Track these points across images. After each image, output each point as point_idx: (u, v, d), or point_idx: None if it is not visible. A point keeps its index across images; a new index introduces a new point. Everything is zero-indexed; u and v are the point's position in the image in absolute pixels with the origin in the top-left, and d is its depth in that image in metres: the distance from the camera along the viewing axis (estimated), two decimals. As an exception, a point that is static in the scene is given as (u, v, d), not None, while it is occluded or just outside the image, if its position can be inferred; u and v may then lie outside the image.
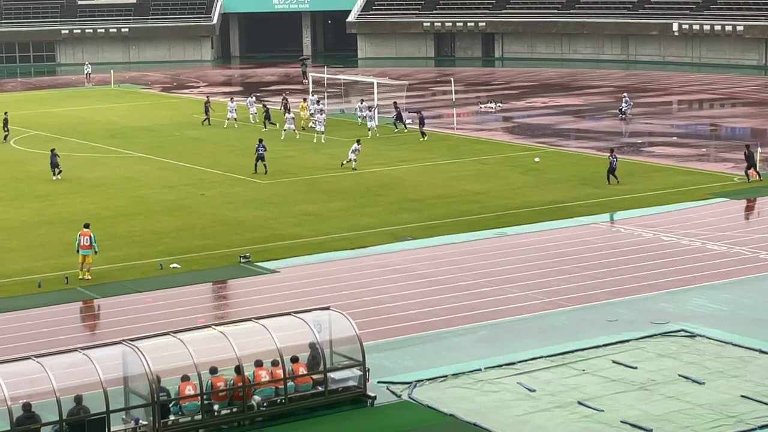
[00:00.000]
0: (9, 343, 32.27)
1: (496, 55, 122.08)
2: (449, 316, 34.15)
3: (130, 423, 25.92)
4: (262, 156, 57.30)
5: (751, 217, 47.44)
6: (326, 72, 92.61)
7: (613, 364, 29.72)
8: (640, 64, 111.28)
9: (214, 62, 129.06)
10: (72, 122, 79.03)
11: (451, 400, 27.54)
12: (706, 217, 46.36)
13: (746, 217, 47.09)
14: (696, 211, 47.61)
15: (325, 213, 48.18)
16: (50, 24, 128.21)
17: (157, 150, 65.46)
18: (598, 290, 36.48)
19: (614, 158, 53.19)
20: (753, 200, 49.28)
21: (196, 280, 38.75)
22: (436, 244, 42.80)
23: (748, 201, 49.08)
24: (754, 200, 49.34)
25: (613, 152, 53.96)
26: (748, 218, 47.12)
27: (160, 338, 27.18)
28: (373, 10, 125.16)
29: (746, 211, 47.93)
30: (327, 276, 38.88)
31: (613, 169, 52.82)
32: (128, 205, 50.51)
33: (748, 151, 53.50)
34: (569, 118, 76.78)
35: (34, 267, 40.50)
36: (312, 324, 27.91)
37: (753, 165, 53.13)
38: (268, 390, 26.99)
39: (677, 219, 46.07)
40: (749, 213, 47.89)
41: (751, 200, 49.25)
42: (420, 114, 69.24)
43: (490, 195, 51.02)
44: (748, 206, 48.53)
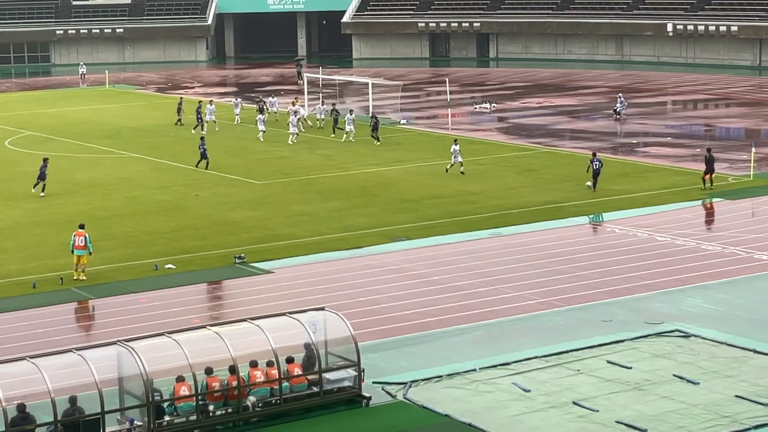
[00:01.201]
0: (4, 344, 32.23)
1: (491, 55, 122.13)
2: (444, 317, 34.17)
3: (125, 423, 25.91)
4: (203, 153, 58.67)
5: (746, 217, 47.44)
6: (321, 72, 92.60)
7: (607, 364, 29.73)
8: (635, 65, 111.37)
9: (209, 63, 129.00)
10: (67, 123, 78.97)
11: (446, 401, 27.55)
12: (701, 217, 46.42)
13: (741, 217, 47.10)
14: (691, 211, 47.66)
15: (320, 213, 48.18)
16: (45, 24, 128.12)
17: (152, 150, 65.43)
18: (593, 290, 36.51)
19: (598, 162, 51.81)
20: (738, 200, 49.34)
21: (191, 281, 38.73)
22: (431, 245, 42.82)
23: (734, 201, 49.14)
24: (738, 200, 49.41)
25: (595, 155, 52.85)
26: (743, 218, 47.14)
27: (155, 339, 27.16)
28: (367, 10, 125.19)
29: (741, 211, 47.95)
30: (322, 276, 38.88)
31: (596, 173, 51.60)
32: (123, 206, 50.48)
33: (709, 155, 51.67)
34: (564, 118, 76.82)
35: (29, 268, 40.47)
36: (307, 324, 27.91)
37: (712, 170, 51.16)
38: (263, 390, 27.00)
39: (672, 219, 46.12)
40: (744, 213, 47.90)
41: (742, 200, 49.31)
42: (374, 118, 67.94)
43: (485, 195, 51.04)
44: (742, 206, 48.53)
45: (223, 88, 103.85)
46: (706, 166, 51.43)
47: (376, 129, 66.97)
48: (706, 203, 48.82)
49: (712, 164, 51.40)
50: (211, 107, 74.24)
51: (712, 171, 51.22)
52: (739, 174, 54.29)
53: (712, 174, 51.17)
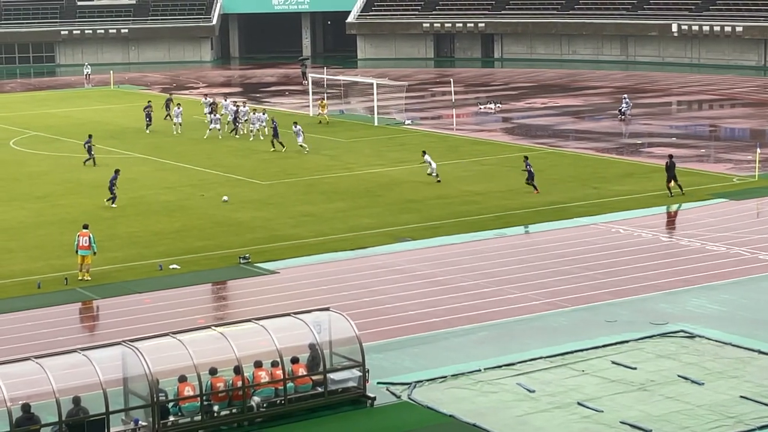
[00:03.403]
0: (8, 344, 32.26)
1: (496, 55, 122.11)
2: (449, 317, 34.15)
3: (130, 424, 25.91)
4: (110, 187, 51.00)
5: (751, 217, 47.38)
6: (326, 73, 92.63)
7: (612, 364, 29.71)
8: (640, 65, 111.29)
9: (213, 63, 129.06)
10: (71, 123, 79.01)
11: (450, 401, 27.54)
12: (706, 217, 46.37)
13: (745, 218, 47.04)
14: (695, 211, 47.61)
15: (324, 214, 48.18)
16: (50, 25, 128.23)
17: (157, 151, 65.45)
18: (598, 291, 36.48)
19: (529, 165, 51.74)
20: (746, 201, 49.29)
21: (196, 281, 38.74)
22: (436, 245, 42.81)
23: (742, 201, 49.08)
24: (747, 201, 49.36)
25: (527, 159, 52.70)
26: (748, 218, 47.08)
27: (160, 339, 27.17)
28: (372, 10, 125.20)
29: (745, 212, 47.89)
30: (327, 277, 38.88)
31: (531, 177, 51.43)
32: (128, 206, 50.48)
33: (670, 162, 50.39)
34: (569, 118, 76.78)
35: (34, 268, 40.49)
36: (312, 325, 27.91)
37: (674, 177, 49.93)
38: (267, 391, 26.99)
39: (677, 219, 46.07)
40: (749, 214, 47.84)
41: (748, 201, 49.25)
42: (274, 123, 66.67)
43: (490, 195, 51.02)
44: (747, 207, 48.46)
45: (228, 88, 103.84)
46: (666, 173, 50.19)
47: (276, 135, 65.04)
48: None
49: (673, 170, 50.06)
50: (178, 110, 73.16)
51: (674, 177, 49.96)
52: (744, 174, 54.21)
53: (675, 180, 49.90)
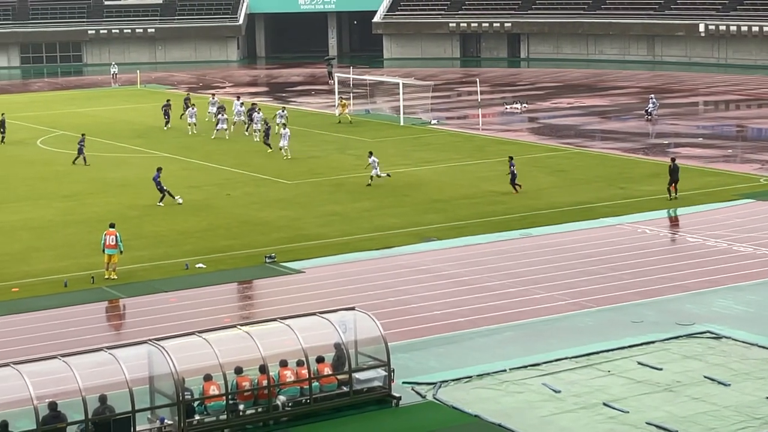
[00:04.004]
0: (35, 343, 32.41)
1: (522, 55, 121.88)
2: (474, 317, 34.13)
3: (156, 422, 25.99)
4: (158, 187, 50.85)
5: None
6: (352, 72, 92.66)
7: (638, 365, 29.63)
8: (666, 65, 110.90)
9: (239, 63, 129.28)
10: (98, 122, 79.28)
11: (475, 401, 27.52)
12: (733, 218, 46.17)
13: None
14: (722, 212, 47.40)
15: (350, 213, 48.21)
16: (77, 24, 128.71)
17: (183, 150, 65.61)
18: (624, 291, 36.38)
19: (513, 166, 51.51)
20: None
21: (222, 280, 38.82)
22: (461, 245, 42.77)
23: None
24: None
25: (511, 159, 52.38)
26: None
27: (186, 338, 27.25)
28: (398, 10, 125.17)
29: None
30: (352, 276, 38.90)
31: (513, 177, 51.24)
32: (154, 205, 50.60)
33: (673, 165, 49.68)
34: (595, 118, 76.59)
35: (61, 266, 40.66)
36: (337, 324, 27.93)
37: (676, 180, 49.23)
38: (293, 390, 27.03)
39: (703, 220, 45.91)
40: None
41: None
42: (266, 123, 66.62)
43: (516, 196, 50.91)
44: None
45: (254, 88, 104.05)
46: (669, 176, 49.51)
47: (267, 136, 65.05)
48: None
49: (677, 174, 49.47)
50: (192, 110, 73.23)
51: (676, 181, 49.36)
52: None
53: (676, 184, 49.31)
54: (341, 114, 76.25)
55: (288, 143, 61.67)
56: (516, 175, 51.52)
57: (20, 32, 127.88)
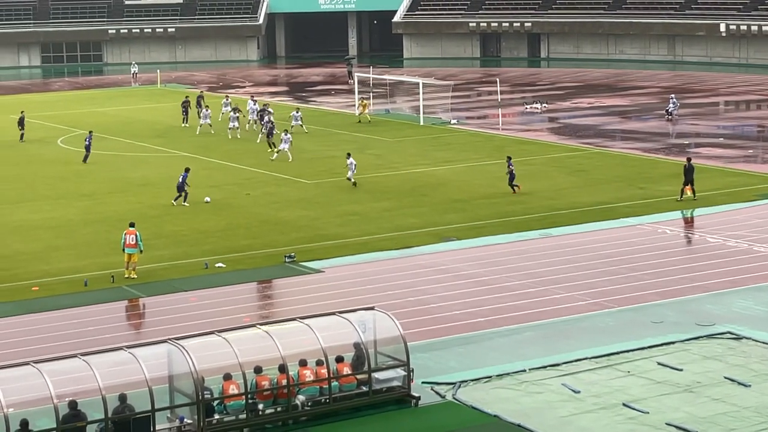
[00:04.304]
0: (55, 342, 32.50)
1: (542, 55, 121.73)
2: (494, 317, 34.08)
3: (175, 421, 26.02)
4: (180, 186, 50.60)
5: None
6: (372, 72, 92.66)
7: (658, 365, 29.54)
8: (687, 65, 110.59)
9: (259, 62, 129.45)
10: (118, 122, 79.51)
11: (495, 401, 27.48)
12: (753, 218, 46.00)
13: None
14: (743, 212, 47.23)
15: (370, 213, 48.20)
16: (97, 24, 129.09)
17: (203, 150, 65.71)
18: (644, 291, 36.27)
19: (512, 166, 51.42)
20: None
21: (241, 280, 38.86)
22: (481, 245, 42.72)
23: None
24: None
25: (510, 159, 52.27)
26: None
27: (205, 337, 27.28)
28: (418, 10, 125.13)
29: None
30: (372, 276, 38.90)
31: (512, 177, 51.11)
32: (174, 205, 50.65)
33: (689, 165, 49.33)
34: (615, 118, 76.43)
35: (81, 266, 40.77)
36: (356, 324, 27.92)
37: (691, 181, 48.81)
38: (312, 389, 27.03)
39: (724, 220, 45.74)
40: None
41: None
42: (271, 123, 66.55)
43: (536, 195, 50.85)
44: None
45: (274, 87, 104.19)
46: (684, 176, 49.11)
47: (271, 135, 65.05)
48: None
49: (691, 174, 48.99)
50: (207, 112, 73.28)
51: (691, 181, 48.96)
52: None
53: (691, 185, 48.93)
54: (361, 114, 76.28)
55: (288, 147, 61.16)
56: (514, 175, 51.39)
57: (41, 32, 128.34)
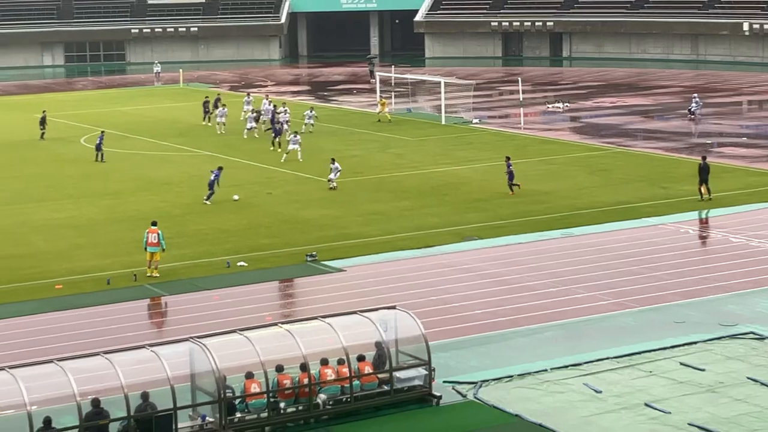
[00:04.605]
0: (78, 339, 32.64)
1: (564, 54, 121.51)
2: (515, 317, 34.06)
3: (197, 420, 26.10)
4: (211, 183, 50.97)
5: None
6: (393, 71, 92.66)
7: (680, 366, 29.47)
8: (710, 64, 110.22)
9: (282, 61, 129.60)
10: (141, 121, 79.75)
11: (516, 401, 27.46)
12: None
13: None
14: (766, 212, 47.04)
15: (391, 212, 48.22)
16: (120, 23, 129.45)
17: (225, 149, 65.82)
18: (666, 291, 36.19)
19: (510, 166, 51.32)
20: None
21: (263, 279, 38.93)
22: (502, 244, 42.70)
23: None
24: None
25: (509, 159, 52.15)
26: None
27: (227, 336, 27.35)
28: (440, 9, 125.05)
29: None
30: (393, 275, 38.91)
31: (511, 178, 50.99)
32: (196, 204, 50.84)
33: (704, 164, 48.97)
34: (637, 118, 76.25)
35: (103, 264, 40.91)
36: (378, 323, 27.94)
37: (706, 180, 48.46)
38: (333, 388, 27.06)
39: (747, 220, 45.59)
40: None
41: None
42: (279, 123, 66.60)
43: (557, 195, 50.79)
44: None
45: (296, 86, 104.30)
46: (699, 176, 48.77)
47: (278, 135, 64.98)
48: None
49: (707, 173, 48.64)
50: (223, 110, 73.15)
51: (706, 180, 48.64)
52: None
53: (706, 184, 48.59)
54: (380, 113, 76.29)
55: (297, 147, 60.97)
56: (513, 175, 51.31)
57: (64, 31, 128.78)
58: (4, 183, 57.36)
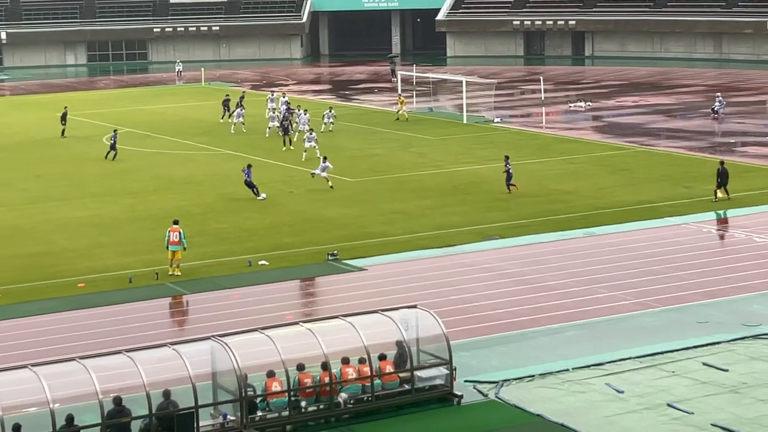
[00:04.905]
0: (100, 338, 32.72)
1: (587, 53, 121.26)
2: (536, 316, 33.99)
3: (218, 418, 26.12)
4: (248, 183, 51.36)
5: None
6: (415, 70, 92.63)
7: (703, 366, 29.36)
8: (734, 63, 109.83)
9: (303, 60, 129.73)
10: (163, 120, 79.94)
11: (538, 400, 27.41)
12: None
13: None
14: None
15: (413, 211, 48.19)
16: (142, 22, 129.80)
17: (247, 148, 65.88)
18: (689, 291, 36.05)
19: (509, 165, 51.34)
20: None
21: (284, 277, 38.95)
22: (523, 244, 42.62)
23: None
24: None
25: (508, 159, 52.00)
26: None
27: (248, 334, 27.37)
28: (462, 8, 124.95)
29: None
30: (414, 274, 38.88)
31: (509, 177, 51.00)
32: (217, 202, 50.94)
33: (722, 167, 48.69)
34: (660, 117, 76.02)
35: (125, 262, 41.01)
36: (399, 322, 27.91)
37: (725, 184, 48.17)
38: (354, 387, 27.05)
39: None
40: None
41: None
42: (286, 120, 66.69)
43: (579, 194, 50.68)
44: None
45: (318, 85, 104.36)
46: (719, 179, 48.41)
47: (287, 132, 65.36)
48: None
49: (726, 177, 48.29)
50: (241, 111, 73.33)
51: (724, 184, 48.30)
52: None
53: (724, 187, 48.27)
54: (399, 111, 76.36)
55: (315, 145, 61.04)
56: (512, 174, 51.19)
57: (87, 30, 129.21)
58: (27, 182, 57.58)
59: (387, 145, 65.59)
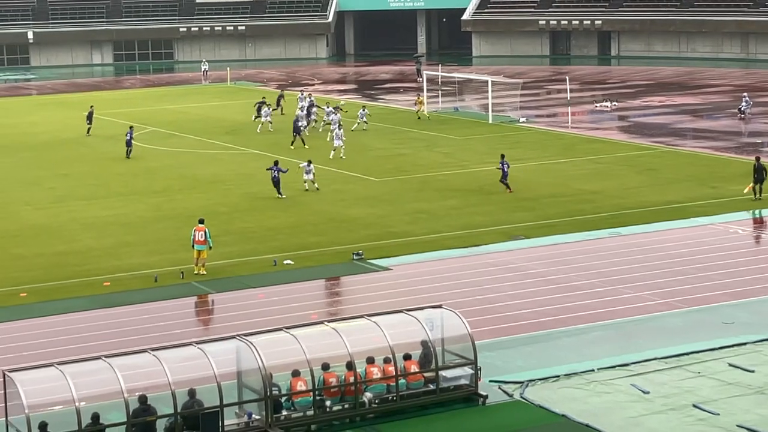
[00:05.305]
0: (126, 336, 32.81)
1: (613, 53, 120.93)
2: (562, 316, 33.91)
3: (243, 417, 26.16)
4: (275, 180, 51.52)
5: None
6: (440, 70, 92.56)
7: (729, 367, 29.23)
8: (761, 63, 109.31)
9: (329, 60, 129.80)
10: (189, 119, 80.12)
11: (563, 401, 27.34)
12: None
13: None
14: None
15: (438, 211, 48.15)
16: (168, 22, 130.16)
17: (273, 147, 65.93)
18: (715, 292, 35.91)
19: (505, 164, 51.30)
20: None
21: (309, 277, 38.98)
22: (549, 244, 42.53)
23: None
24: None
25: (503, 158, 51.88)
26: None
27: (273, 334, 27.40)
28: (488, 8, 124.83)
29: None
30: (439, 274, 38.84)
31: (505, 176, 50.97)
32: (243, 202, 51.03)
33: (758, 164, 48.56)
34: (686, 117, 75.75)
35: (151, 262, 41.12)
36: (424, 322, 27.89)
37: (762, 180, 47.88)
38: (379, 387, 27.04)
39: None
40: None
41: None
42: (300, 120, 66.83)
43: (605, 194, 50.54)
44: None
45: (343, 85, 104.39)
46: (756, 175, 48.17)
47: (298, 132, 65.43)
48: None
49: (762, 173, 48.04)
50: (268, 110, 73.30)
51: (761, 180, 48.00)
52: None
53: (760, 183, 47.98)
54: (419, 110, 76.46)
55: (341, 144, 61.25)
56: (507, 173, 51.07)
57: (113, 30, 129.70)
58: (54, 181, 57.82)
59: (412, 145, 65.56)
